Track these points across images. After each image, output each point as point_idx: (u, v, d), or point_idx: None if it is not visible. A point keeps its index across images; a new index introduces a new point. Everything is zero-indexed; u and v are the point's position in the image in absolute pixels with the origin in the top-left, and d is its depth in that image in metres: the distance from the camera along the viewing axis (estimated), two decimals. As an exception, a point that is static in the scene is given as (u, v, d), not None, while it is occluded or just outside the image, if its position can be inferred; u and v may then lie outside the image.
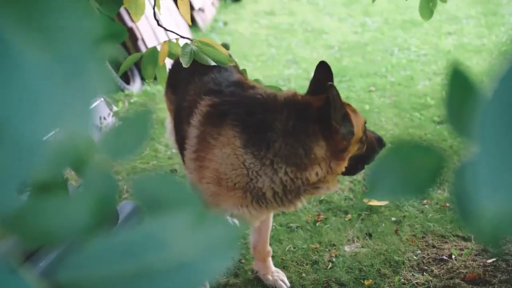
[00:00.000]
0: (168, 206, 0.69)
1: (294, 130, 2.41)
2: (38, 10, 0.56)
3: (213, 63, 2.34)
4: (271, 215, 3.09)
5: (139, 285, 0.55)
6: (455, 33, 8.28)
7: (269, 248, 3.15)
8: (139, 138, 0.78)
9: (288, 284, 3.09)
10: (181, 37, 2.69)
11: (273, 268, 3.15)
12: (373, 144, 2.61)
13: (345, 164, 2.52)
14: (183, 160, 2.83)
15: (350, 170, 2.59)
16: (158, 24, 2.68)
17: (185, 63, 2.39)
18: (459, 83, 0.77)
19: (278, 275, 3.11)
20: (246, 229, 3.11)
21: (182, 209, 0.67)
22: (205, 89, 2.76)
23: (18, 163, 0.50)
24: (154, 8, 2.66)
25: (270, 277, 3.09)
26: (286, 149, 2.40)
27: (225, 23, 9.37)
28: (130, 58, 2.60)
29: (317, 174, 2.46)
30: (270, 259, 3.15)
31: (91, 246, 0.57)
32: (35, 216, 0.64)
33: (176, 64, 3.19)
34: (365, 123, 2.59)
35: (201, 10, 8.82)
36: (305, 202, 2.65)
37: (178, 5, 2.66)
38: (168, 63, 2.98)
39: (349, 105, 2.57)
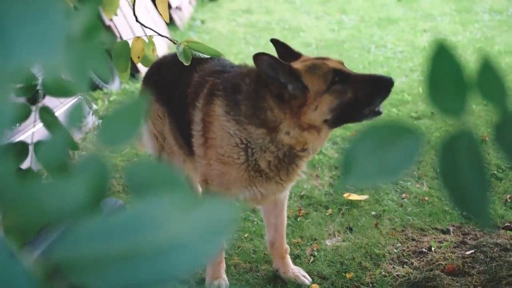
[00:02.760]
0: (158, 190, 0.69)
1: (253, 93, 2.57)
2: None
3: (206, 56, 2.37)
4: (285, 207, 3.11)
5: (133, 265, 0.55)
6: (430, 30, 8.39)
7: (287, 245, 3.14)
8: (133, 126, 0.79)
9: (310, 279, 3.09)
10: (159, 35, 2.68)
11: (292, 265, 3.14)
12: (364, 86, 2.49)
13: (314, 118, 2.50)
14: (191, 153, 2.87)
15: (340, 120, 2.55)
16: (137, 20, 2.67)
17: (185, 61, 2.40)
18: (443, 57, 0.76)
19: (299, 270, 3.12)
20: (246, 210, 3.09)
21: (172, 194, 0.66)
22: (210, 71, 2.87)
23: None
24: (134, 6, 2.65)
25: (291, 274, 3.09)
26: (249, 110, 2.56)
27: (203, 22, 9.36)
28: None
29: (288, 133, 2.53)
30: (288, 256, 3.14)
31: (85, 226, 0.56)
32: (31, 197, 0.65)
33: (159, 63, 3.18)
34: (337, 69, 2.51)
35: (178, 8, 8.80)
36: (303, 167, 2.72)
37: (156, 3, 2.64)
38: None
39: (314, 58, 2.64)
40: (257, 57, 2.45)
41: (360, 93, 2.48)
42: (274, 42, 2.83)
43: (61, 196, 0.66)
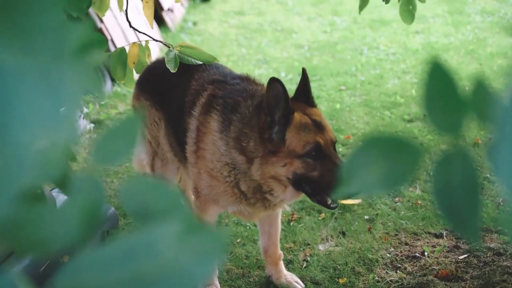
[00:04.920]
0: (157, 214, 0.69)
1: (247, 118, 2.56)
2: (17, 14, 0.55)
3: (199, 63, 2.36)
4: (279, 216, 3.10)
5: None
6: (422, 32, 8.39)
7: (280, 252, 3.13)
8: (128, 144, 0.77)
9: (303, 285, 3.08)
10: (152, 39, 2.66)
11: (285, 271, 3.13)
12: (330, 176, 2.43)
13: (279, 172, 2.48)
14: (184, 159, 2.87)
15: (299, 187, 2.53)
16: (130, 26, 2.65)
17: (172, 68, 2.38)
18: (438, 78, 0.77)
19: (292, 277, 3.11)
20: (229, 237, 3.11)
21: (172, 217, 0.67)
22: (209, 80, 2.86)
23: (6, 170, 0.50)
24: (126, 11, 2.63)
25: (284, 280, 3.08)
26: (236, 134, 2.56)
27: (195, 23, 9.34)
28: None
29: (257, 171, 2.52)
30: (282, 262, 3.13)
31: (86, 256, 0.58)
32: (26, 225, 0.64)
33: (153, 67, 3.14)
34: (320, 144, 2.48)
35: (170, 10, 8.77)
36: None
37: (143, 8, 2.63)
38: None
39: (315, 120, 2.55)
40: (272, 82, 2.40)
41: (323, 178, 2.47)
42: (304, 72, 2.70)
43: (55, 223, 0.66)
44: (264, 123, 2.47)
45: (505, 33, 7.86)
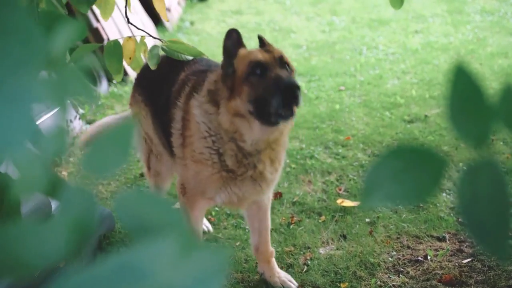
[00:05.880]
0: (153, 229, 0.63)
1: (216, 73, 2.64)
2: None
3: (189, 58, 2.38)
4: (269, 211, 3.05)
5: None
6: (422, 31, 8.33)
7: (272, 249, 3.10)
8: (122, 152, 0.72)
9: (296, 284, 3.03)
10: (149, 35, 2.61)
11: (278, 269, 3.10)
12: (270, 85, 2.39)
13: (237, 105, 2.46)
14: (172, 153, 2.85)
15: (260, 116, 2.44)
16: (128, 22, 2.61)
17: (152, 65, 2.37)
18: (463, 84, 0.71)
19: (285, 275, 3.07)
20: (227, 240, 3.06)
21: (168, 233, 0.62)
22: (194, 71, 2.90)
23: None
24: (125, 7, 2.59)
25: (277, 279, 3.04)
26: (207, 86, 2.63)
27: (192, 23, 9.27)
28: (84, 47, 2.45)
29: (223, 115, 2.52)
30: (273, 259, 3.09)
31: (73, 278, 0.52)
32: (7, 244, 0.58)
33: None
34: (260, 61, 2.47)
35: (167, 10, 8.70)
36: (265, 166, 2.64)
37: (154, 2, 2.66)
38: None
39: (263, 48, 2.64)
40: (229, 31, 2.56)
41: (266, 92, 2.39)
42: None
43: (41, 241, 0.60)
44: (223, 66, 2.56)
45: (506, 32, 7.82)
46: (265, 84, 2.41)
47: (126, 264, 0.53)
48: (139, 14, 7.12)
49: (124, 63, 2.52)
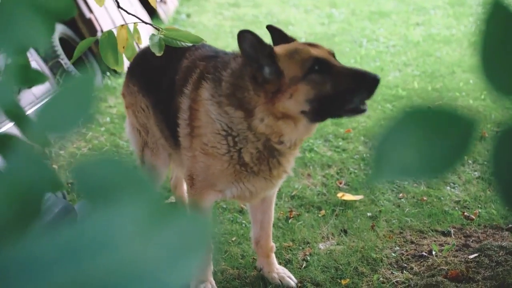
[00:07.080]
0: (117, 196, 0.53)
1: (237, 71, 2.44)
2: None
3: (189, 44, 2.24)
4: (273, 204, 2.94)
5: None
6: (423, 23, 8.20)
7: (272, 243, 2.98)
8: (81, 108, 0.65)
9: (295, 280, 2.91)
10: (142, 21, 2.48)
11: (277, 264, 2.98)
12: (346, 80, 2.28)
13: (289, 107, 2.31)
14: (177, 146, 2.73)
15: (320, 114, 2.34)
16: (118, 6, 2.47)
17: (157, 51, 2.26)
18: (501, 22, 0.58)
19: (284, 271, 2.95)
20: (223, 236, 2.95)
21: (135, 198, 0.51)
22: (201, 56, 2.74)
23: None
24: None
25: (275, 275, 2.92)
26: (229, 89, 2.43)
27: (188, 15, 9.13)
28: (83, 43, 2.37)
29: (262, 120, 2.37)
30: (273, 255, 2.98)
31: (17, 249, 0.43)
32: None
33: (144, 53, 2.97)
34: (318, 57, 2.31)
35: (163, 2, 8.57)
36: (290, 163, 2.57)
37: None
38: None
39: (302, 43, 2.51)
40: (241, 34, 2.31)
41: (340, 88, 2.27)
42: (270, 28, 2.71)
43: None
44: (251, 71, 2.35)
45: None
46: (334, 80, 2.27)
47: (81, 235, 0.44)
48: (134, 6, 6.98)
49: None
